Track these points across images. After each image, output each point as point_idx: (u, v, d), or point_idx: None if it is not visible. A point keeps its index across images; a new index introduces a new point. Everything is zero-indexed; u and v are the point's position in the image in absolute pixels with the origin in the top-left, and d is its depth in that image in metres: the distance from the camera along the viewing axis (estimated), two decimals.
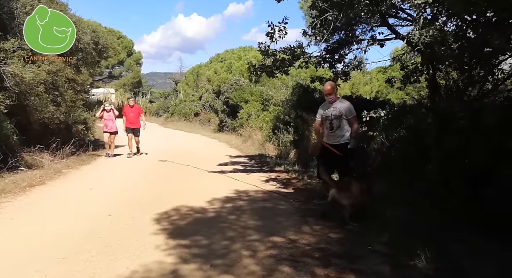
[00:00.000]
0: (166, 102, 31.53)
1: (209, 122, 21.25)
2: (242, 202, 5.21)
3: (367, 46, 5.50)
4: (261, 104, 15.65)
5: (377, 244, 3.44)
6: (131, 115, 10.33)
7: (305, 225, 4.13)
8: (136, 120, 10.38)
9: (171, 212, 4.69)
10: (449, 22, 5.00)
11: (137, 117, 10.40)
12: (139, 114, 10.50)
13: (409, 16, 6.31)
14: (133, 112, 10.36)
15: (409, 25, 6.41)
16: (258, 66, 6.38)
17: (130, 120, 10.33)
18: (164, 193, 5.77)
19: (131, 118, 10.32)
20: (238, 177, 7.08)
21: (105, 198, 5.50)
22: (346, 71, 6.20)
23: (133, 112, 10.36)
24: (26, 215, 4.57)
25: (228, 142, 14.28)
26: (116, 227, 4.12)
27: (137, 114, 10.44)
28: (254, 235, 3.82)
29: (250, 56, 24.94)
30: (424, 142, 4.79)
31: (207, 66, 28.65)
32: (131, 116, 10.32)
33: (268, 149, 11.31)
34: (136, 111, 10.45)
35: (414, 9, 4.77)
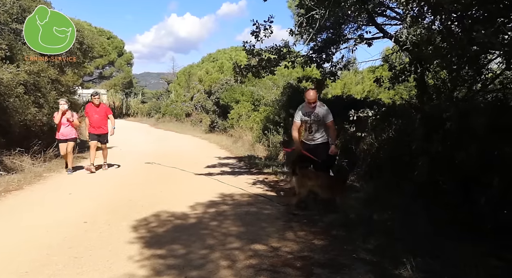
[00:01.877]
0: (158, 102, 31.24)
1: (201, 123, 21.01)
2: (226, 207, 5.03)
3: (354, 45, 5.34)
4: (252, 104, 15.49)
5: (363, 251, 3.29)
6: (95, 117, 8.13)
7: (289, 231, 3.96)
8: (102, 124, 8.26)
9: (150, 219, 4.49)
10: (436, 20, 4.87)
11: (104, 119, 8.28)
12: (107, 115, 8.36)
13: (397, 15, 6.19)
14: (99, 113, 8.16)
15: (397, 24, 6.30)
16: (244, 66, 6.21)
17: (95, 124, 8.13)
18: (147, 198, 5.57)
19: (96, 121, 8.14)
20: (225, 179, 6.90)
21: (83, 204, 5.29)
22: (333, 71, 6.05)
23: (98, 113, 8.15)
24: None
25: (218, 142, 14.09)
26: (90, 235, 3.92)
27: (104, 115, 8.29)
28: (235, 242, 3.64)
29: (242, 56, 24.77)
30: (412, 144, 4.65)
31: (199, 66, 28.42)
32: (95, 118, 8.13)
33: (258, 149, 11.15)
34: (103, 112, 8.26)
35: (401, 7, 4.63)
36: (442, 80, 5.01)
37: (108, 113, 8.40)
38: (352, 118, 5.27)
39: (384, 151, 5.89)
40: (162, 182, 6.81)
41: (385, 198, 4.95)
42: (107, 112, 8.41)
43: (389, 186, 5.21)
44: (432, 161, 4.10)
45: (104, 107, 8.44)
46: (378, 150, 6.39)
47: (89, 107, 8.26)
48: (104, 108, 8.44)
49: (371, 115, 5.30)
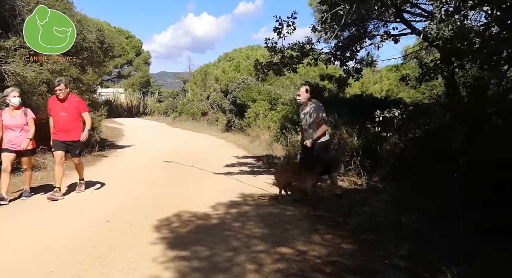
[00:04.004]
0: (174, 102, 31.42)
1: (217, 122, 21.01)
2: (248, 207, 4.93)
3: (380, 41, 5.17)
4: (269, 103, 15.35)
5: (395, 257, 3.14)
6: (61, 115, 5.48)
7: (315, 233, 3.83)
8: (72, 126, 5.55)
9: (172, 218, 4.44)
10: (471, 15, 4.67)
11: (75, 119, 5.59)
12: (79, 114, 5.65)
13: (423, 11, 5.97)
14: (67, 110, 5.51)
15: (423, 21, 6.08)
16: (265, 63, 6.10)
17: (60, 126, 5.49)
18: (167, 197, 5.53)
19: (61, 122, 5.48)
20: (244, 179, 6.81)
21: (105, 202, 5.28)
22: (358, 68, 5.88)
23: (66, 110, 5.51)
24: (18, 224, 4.35)
25: (235, 141, 14.01)
26: (114, 235, 3.88)
27: (75, 114, 5.58)
28: (260, 245, 3.54)
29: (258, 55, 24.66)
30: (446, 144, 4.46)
31: (215, 65, 28.46)
32: (61, 117, 5.48)
33: (276, 149, 11.01)
34: (73, 109, 5.56)
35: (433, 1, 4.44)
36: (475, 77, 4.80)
37: (81, 111, 5.69)
38: (378, 119, 5.09)
39: (410, 151, 5.69)
40: (182, 181, 6.77)
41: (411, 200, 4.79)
42: (80, 109, 5.68)
43: (415, 187, 5.03)
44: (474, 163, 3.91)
45: (75, 101, 5.67)
46: (403, 151, 6.20)
47: (52, 102, 5.67)
48: (75, 103, 5.65)
49: (398, 115, 5.10)
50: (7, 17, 7.63)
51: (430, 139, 5.22)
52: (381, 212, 4.38)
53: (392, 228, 3.76)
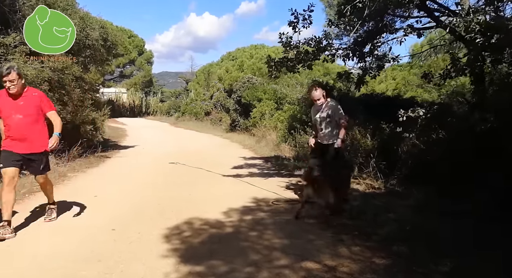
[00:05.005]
0: (177, 101, 31.18)
1: (220, 122, 20.72)
2: (263, 214, 4.60)
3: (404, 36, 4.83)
4: (275, 103, 15.03)
5: (436, 274, 2.80)
6: (15, 118, 3.92)
7: (341, 245, 3.49)
8: (30, 131, 3.98)
9: (182, 227, 4.10)
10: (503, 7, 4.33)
11: (34, 122, 4.02)
12: (42, 114, 4.10)
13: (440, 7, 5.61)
14: (22, 111, 3.95)
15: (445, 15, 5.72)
16: (278, 60, 5.76)
17: (14, 131, 3.93)
18: (175, 202, 5.20)
19: (15, 127, 3.92)
20: (255, 182, 6.48)
21: (109, 208, 4.96)
22: (380, 64, 5.52)
23: (21, 110, 3.94)
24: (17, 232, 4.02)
25: (240, 142, 13.69)
26: (120, 246, 3.55)
27: (34, 115, 4.01)
28: (282, 258, 3.21)
29: (262, 54, 24.38)
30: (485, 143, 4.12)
31: (218, 65, 28.20)
32: (15, 120, 3.91)
33: (284, 150, 10.67)
34: (30, 109, 3.98)
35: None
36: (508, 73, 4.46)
37: (45, 110, 4.11)
38: (402, 119, 4.75)
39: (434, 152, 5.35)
40: (189, 184, 6.44)
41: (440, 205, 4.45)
42: (44, 108, 4.11)
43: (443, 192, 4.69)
44: None
45: (34, 97, 4.05)
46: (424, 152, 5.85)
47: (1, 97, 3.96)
48: (36, 100, 4.05)
49: (422, 114, 4.76)
50: (6, 13, 7.32)
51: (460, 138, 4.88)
52: (409, 220, 4.03)
53: (425, 239, 3.41)
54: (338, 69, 20.75)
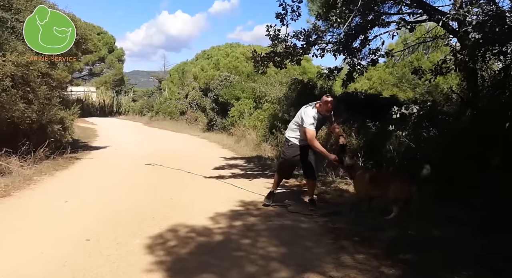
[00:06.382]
0: (150, 100, 30.28)
1: (196, 121, 20.22)
2: (254, 219, 4.27)
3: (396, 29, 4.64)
4: (254, 102, 14.72)
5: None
6: None
7: (343, 253, 3.22)
8: None
9: (167, 235, 3.71)
10: None
11: None
12: None
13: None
14: None
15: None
16: (265, 55, 5.45)
17: None
18: (156, 207, 4.77)
19: None
20: (239, 183, 6.14)
21: (83, 214, 4.47)
22: (374, 59, 5.31)
23: None
24: None
25: (219, 142, 13.29)
26: (96, 260, 3.12)
27: None
28: (281, 270, 2.89)
29: (238, 53, 24.07)
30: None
31: (193, 63, 27.66)
32: None
33: (265, 149, 10.39)
34: None
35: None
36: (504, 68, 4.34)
37: None
38: (395, 116, 4.55)
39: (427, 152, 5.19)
40: (169, 187, 6.02)
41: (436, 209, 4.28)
42: None
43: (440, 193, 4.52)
44: None
45: None
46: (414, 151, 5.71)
47: None
48: None
49: (415, 111, 4.58)
50: None
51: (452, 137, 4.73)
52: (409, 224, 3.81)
53: (432, 245, 3.19)
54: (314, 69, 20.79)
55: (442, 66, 5.10)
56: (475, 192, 4.01)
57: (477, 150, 4.31)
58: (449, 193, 4.43)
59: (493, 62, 4.98)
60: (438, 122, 5.01)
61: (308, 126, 4.44)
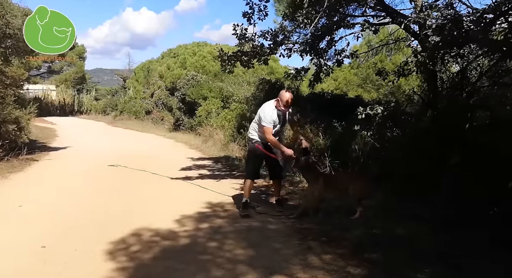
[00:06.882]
0: (114, 99, 29.33)
1: (163, 121, 19.80)
2: (221, 221, 4.19)
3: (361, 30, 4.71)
4: (221, 101, 14.60)
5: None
6: None
7: (311, 253, 3.21)
8: None
9: (129, 240, 3.56)
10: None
11: None
12: None
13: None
14: None
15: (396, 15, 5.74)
16: (232, 54, 5.38)
17: None
18: (119, 211, 4.59)
19: None
20: (207, 184, 6.03)
21: (38, 220, 4.21)
22: (340, 59, 5.37)
23: None
24: None
25: (186, 142, 13.07)
26: (52, 267, 2.94)
27: None
28: (249, 273, 2.84)
29: (205, 52, 23.81)
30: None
31: (159, 61, 27.08)
32: None
33: (233, 149, 10.31)
34: None
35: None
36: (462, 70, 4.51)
37: None
38: (361, 116, 4.62)
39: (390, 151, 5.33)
40: (133, 189, 5.81)
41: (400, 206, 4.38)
42: None
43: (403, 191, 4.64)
44: None
45: None
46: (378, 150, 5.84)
47: None
48: None
49: (380, 112, 4.67)
50: None
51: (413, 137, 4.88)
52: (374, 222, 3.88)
53: (396, 243, 3.24)
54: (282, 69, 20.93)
55: (405, 68, 5.25)
56: (435, 188, 4.13)
57: (437, 150, 4.45)
58: (411, 190, 4.54)
59: (451, 64, 5.19)
60: (401, 122, 5.14)
61: (264, 123, 4.37)
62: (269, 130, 4.37)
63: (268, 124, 4.37)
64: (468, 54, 4.18)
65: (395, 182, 4.83)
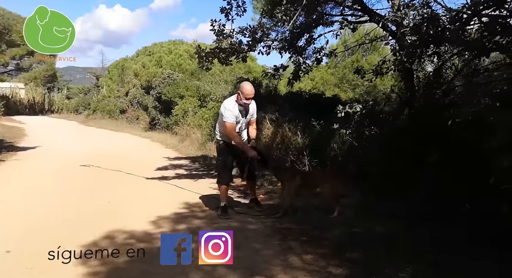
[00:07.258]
0: (86, 98, 28.51)
1: (138, 120, 19.38)
2: (199, 221, 4.08)
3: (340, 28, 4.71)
4: (198, 100, 14.41)
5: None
6: None
7: (291, 254, 3.14)
8: None
9: (102, 243, 3.40)
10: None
11: None
12: None
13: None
14: None
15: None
16: (210, 50, 5.27)
17: None
18: (91, 212, 4.39)
19: None
20: (184, 184, 5.90)
21: (3, 222, 3.96)
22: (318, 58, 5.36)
23: None
24: None
25: (162, 141, 12.82)
26: (17, 274, 2.75)
27: None
28: (228, 275, 2.75)
29: (182, 50, 23.50)
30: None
31: (134, 60, 26.48)
32: None
33: (211, 149, 10.17)
34: None
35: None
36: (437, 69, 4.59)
37: None
38: (340, 115, 4.62)
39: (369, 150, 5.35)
40: (107, 190, 5.60)
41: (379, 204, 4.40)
42: None
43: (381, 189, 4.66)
44: None
45: None
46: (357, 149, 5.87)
47: None
48: None
49: (359, 110, 4.69)
50: None
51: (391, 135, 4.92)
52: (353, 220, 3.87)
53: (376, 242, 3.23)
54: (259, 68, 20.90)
55: (382, 67, 5.29)
56: (413, 186, 4.16)
57: (414, 148, 4.49)
58: (389, 189, 4.57)
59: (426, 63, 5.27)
60: (379, 121, 5.18)
61: (226, 119, 4.15)
62: (232, 126, 4.15)
63: (230, 119, 4.13)
64: (443, 53, 4.24)
65: (373, 181, 4.86)
